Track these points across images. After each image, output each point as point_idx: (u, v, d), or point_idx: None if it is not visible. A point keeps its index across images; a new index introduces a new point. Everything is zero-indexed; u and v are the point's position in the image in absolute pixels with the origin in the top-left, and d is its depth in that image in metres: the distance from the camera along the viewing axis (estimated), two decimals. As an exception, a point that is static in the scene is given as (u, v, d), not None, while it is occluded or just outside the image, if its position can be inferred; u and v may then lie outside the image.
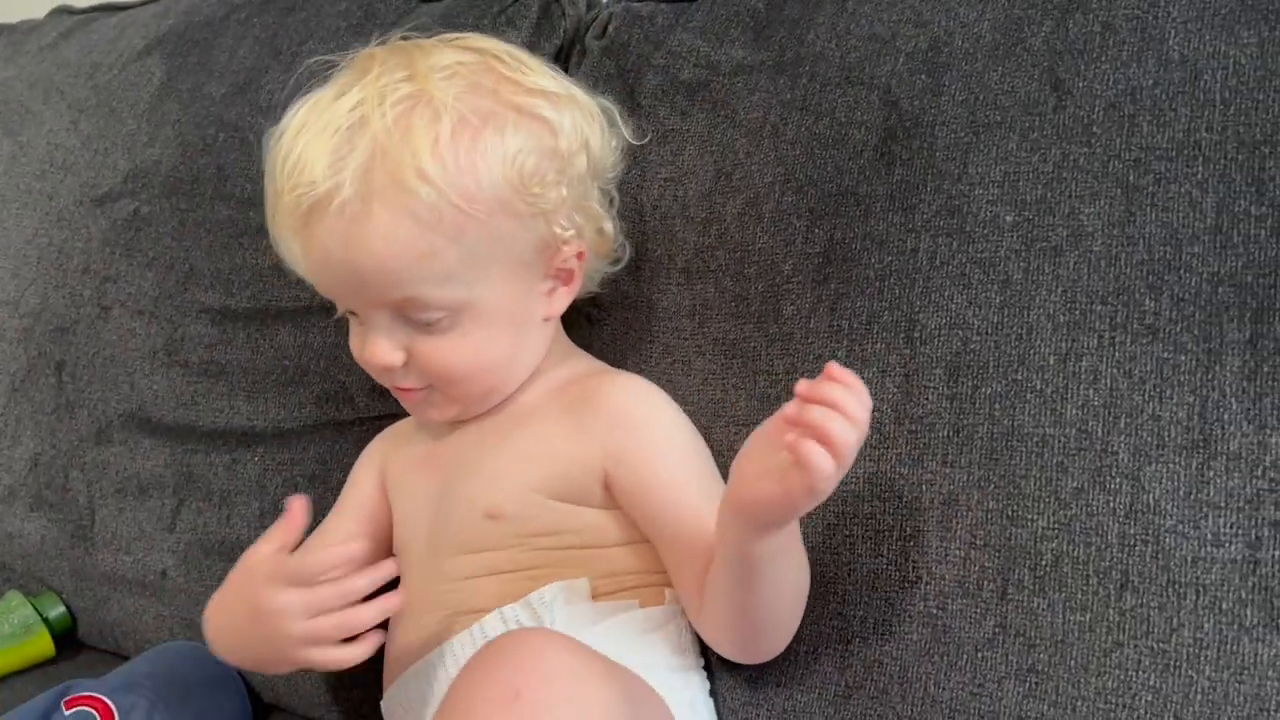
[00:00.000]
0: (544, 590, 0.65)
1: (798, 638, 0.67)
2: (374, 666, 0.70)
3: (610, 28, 0.87)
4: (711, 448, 0.72)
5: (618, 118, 0.74)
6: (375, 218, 0.62)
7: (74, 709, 0.73)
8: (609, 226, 0.72)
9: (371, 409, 0.86)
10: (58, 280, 1.01)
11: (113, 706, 0.73)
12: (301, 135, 0.64)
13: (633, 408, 0.69)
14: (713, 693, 0.70)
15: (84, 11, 1.18)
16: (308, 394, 0.88)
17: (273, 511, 0.88)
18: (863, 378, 0.65)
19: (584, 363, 0.76)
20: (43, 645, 0.93)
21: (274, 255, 0.89)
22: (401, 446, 0.78)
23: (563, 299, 0.71)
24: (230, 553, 0.88)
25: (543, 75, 0.69)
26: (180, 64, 1.03)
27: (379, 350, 0.67)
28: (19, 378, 1.00)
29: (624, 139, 0.75)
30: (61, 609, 0.96)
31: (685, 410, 0.73)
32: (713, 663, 0.71)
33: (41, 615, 0.94)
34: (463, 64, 0.66)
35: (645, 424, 0.69)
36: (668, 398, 0.72)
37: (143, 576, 0.91)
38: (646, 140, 0.78)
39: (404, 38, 0.70)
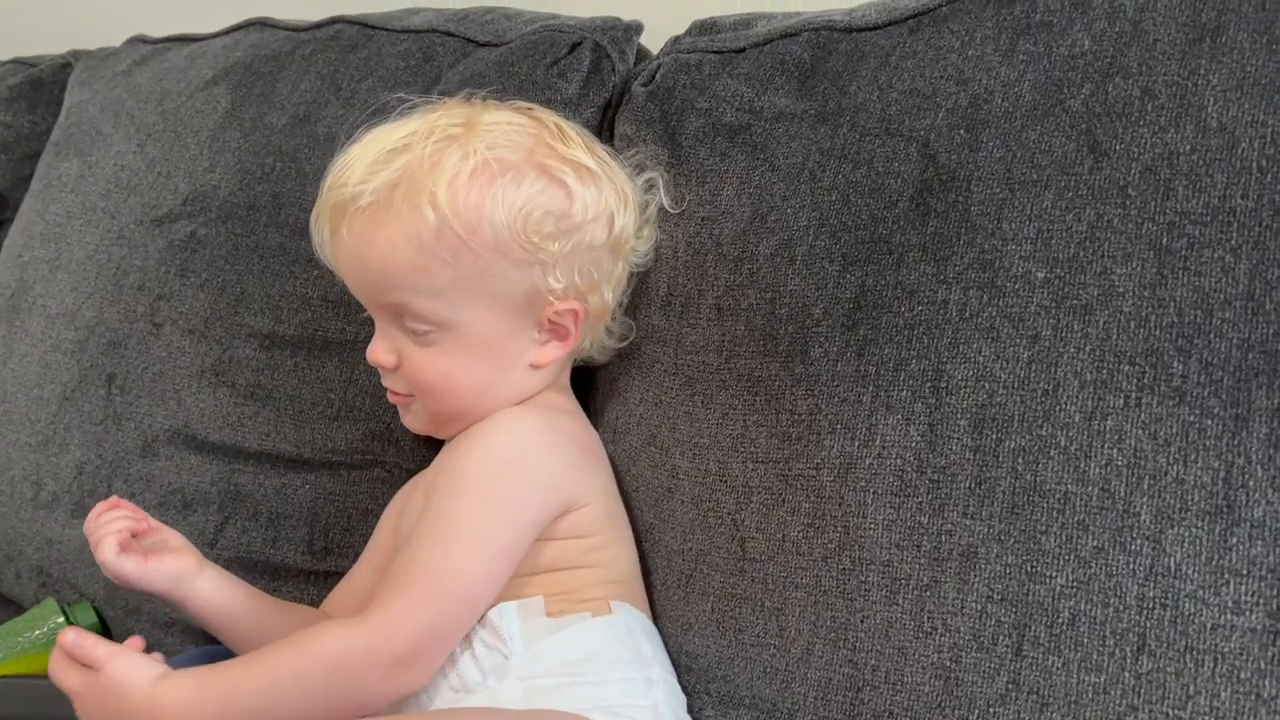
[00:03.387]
0: (501, 607, 0.68)
1: (806, 682, 0.67)
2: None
3: (658, 75, 0.89)
4: (729, 483, 0.73)
5: (660, 184, 0.80)
6: (385, 226, 0.71)
7: None
8: (610, 297, 0.77)
9: (416, 454, 0.88)
10: (114, 296, 1.04)
11: None
12: (358, 147, 0.75)
13: (478, 434, 0.72)
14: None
15: (158, 41, 1.23)
16: (355, 430, 0.90)
17: (323, 538, 0.90)
18: (887, 424, 0.67)
19: (554, 400, 0.78)
20: (68, 653, 0.95)
21: (324, 286, 0.93)
22: (413, 488, 0.82)
23: (554, 351, 0.76)
24: (274, 573, 0.90)
25: (582, 151, 0.76)
26: (245, 94, 1.06)
27: (376, 349, 0.75)
28: (70, 387, 1.03)
29: (662, 208, 0.81)
30: (94, 619, 0.97)
31: (703, 444, 0.74)
32: (720, 700, 0.71)
33: (71, 624, 0.95)
34: (512, 124, 0.75)
35: (469, 451, 0.71)
36: (526, 436, 0.72)
37: (176, 589, 0.93)
38: (684, 207, 0.81)
39: (484, 97, 0.79)
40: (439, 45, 1.01)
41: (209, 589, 0.76)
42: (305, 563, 0.90)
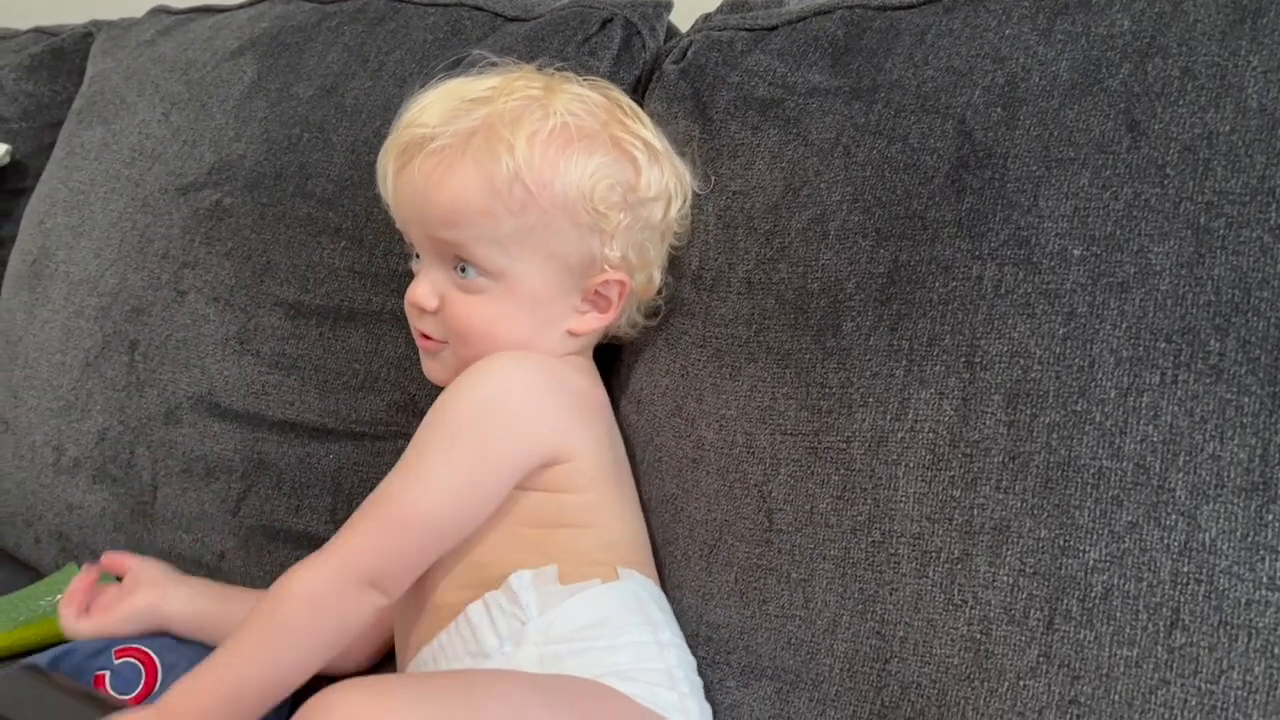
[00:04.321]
0: (519, 574, 0.69)
1: (832, 653, 0.67)
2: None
3: (689, 53, 0.89)
4: (756, 455, 0.73)
5: (687, 174, 0.81)
6: (459, 167, 0.72)
7: (122, 659, 0.76)
8: (658, 277, 0.79)
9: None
10: (137, 263, 1.04)
11: (158, 663, 0.75)
12: (437, 94, 0.76)
13: (470, 372, 0.73)
14: (739, 703, 0.71)
15: (181, 12, 1.22)
16: (379, 401, 0.90)
17: (345, 508, 0.90)
18: (920, 399, 0.68)
19: (571, 360, 0.79)
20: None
21: (351, 257, 0.93)
22: None
23: (592, 322, 0.77)
24: (297, 542, 0.90)
25: (651, 132, 0.79)
26: (271, 65, 1.06)
27: (420, 291, 0.75)
28: (93, 354, 1.03)
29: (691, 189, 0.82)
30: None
31: (730, 415, 0.75)
32: (741, 670, 0.71)
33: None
34: (589, 96, 0.77)
35: (457, 387, 0.73)
36: (514, 379, 0.73)
37: (200, 556, 0.93)
38: (711, 187, 0.81)
39: (558, 69, 0.81)
40: (467, 19, 1.00)
41: (179, 609, 0.81)
42: (328, 532, 0.89)
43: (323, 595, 0.66)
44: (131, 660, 0.76)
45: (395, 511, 0.68)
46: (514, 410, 0.72)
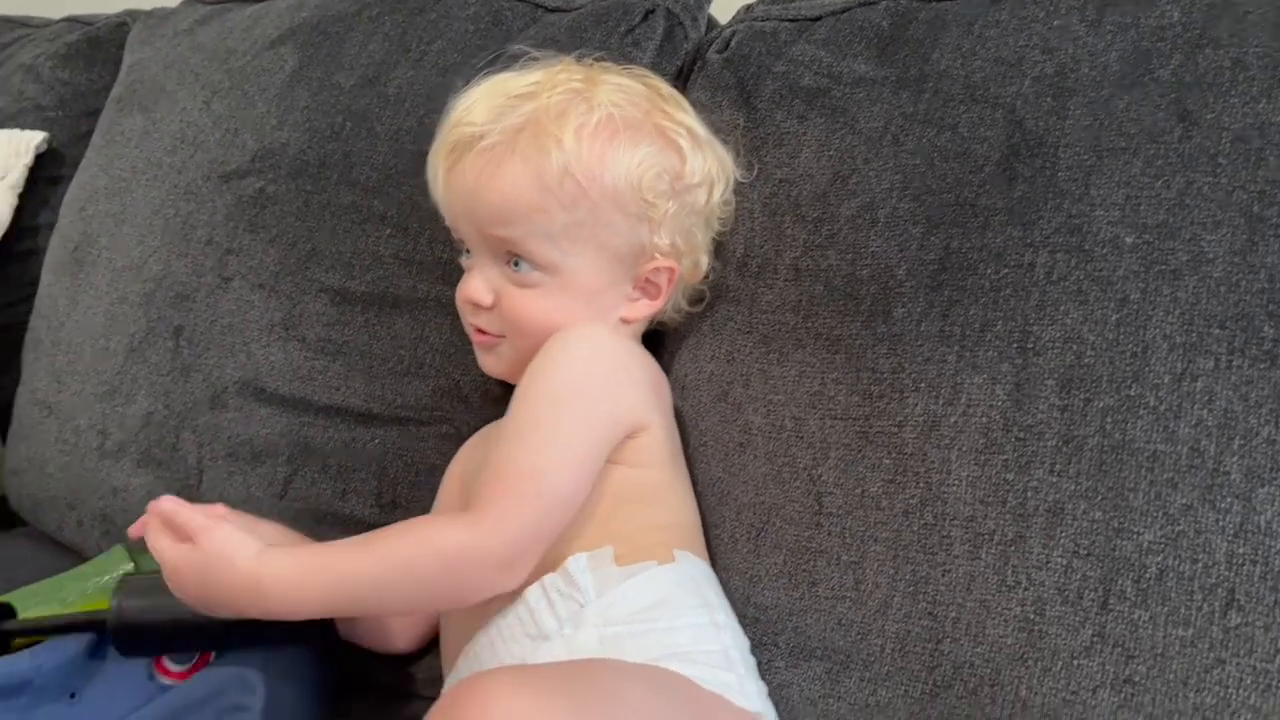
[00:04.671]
0: (576, 556, 0.69)
1: (884, 634, 0.68)
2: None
3: (733, 42, 0.90)
4: (805, 439, 0.74)
5: (729, 158, 0.82)
6: (509, 164, 0.73)
7: None
8: (704, 261, 0.80)
9: (484, 412, 0.89)
10: (181, 249, 1.05)
11: None
12: (481, 91, 0.77)
13: (557, 344, 0.73)
14: (788, 683, 0.72)
15: (217, 1, 1.23)
16: (424, 387, 0.91)
17: (390, 492, 0.91)
18: (973, 384, 0.68)
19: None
20: (137, 599, 0.96)
21: (396, 244, 0.94)
22: (483, 438, 0.83)
23: (643, 309, 0.79)
24: (344, 525, 0.91)
25: (692, 118, 0.80)
26: (312, 54, 1.07)
27: (474, 286, 0.77)
28: (138, 339, 1.05)
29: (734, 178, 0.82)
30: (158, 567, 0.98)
31: (778, 400, 0.75)
32: (790, 651, 0.72)
33: (139, 571, 0.97)
34: (629, 85, 0.78)
35: (552, 359, 0.73)
36: (605, 347, 0.74)
37: (245, 537, 0.94)
38: (754, 174, 0.82)
39: (598, 59, 0.81)
40: (507, 9, 1.01)
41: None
42: (373, 516, 0.91)
43: (460, 561, 0.66)
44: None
45: (536, 487, 0.67)
46: (609, 374, 0.73)
